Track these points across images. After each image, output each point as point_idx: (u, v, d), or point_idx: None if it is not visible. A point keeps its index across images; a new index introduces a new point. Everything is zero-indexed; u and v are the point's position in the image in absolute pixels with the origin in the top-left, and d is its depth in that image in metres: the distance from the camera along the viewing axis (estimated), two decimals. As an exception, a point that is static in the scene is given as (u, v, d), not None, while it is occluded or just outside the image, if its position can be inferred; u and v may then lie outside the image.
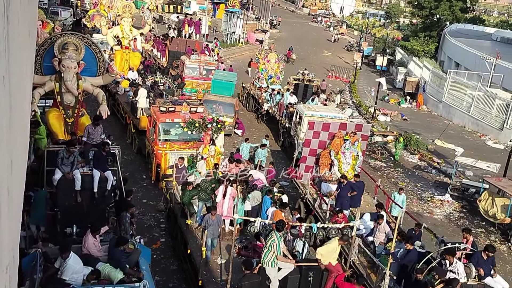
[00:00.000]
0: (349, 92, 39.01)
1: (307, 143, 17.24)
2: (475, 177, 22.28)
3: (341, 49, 58.72)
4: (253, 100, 29.84)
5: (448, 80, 34.73)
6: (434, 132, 29.51)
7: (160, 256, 14.21)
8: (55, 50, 14.24)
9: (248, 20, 58.09)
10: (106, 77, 15.47)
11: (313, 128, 17.03)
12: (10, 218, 3.13)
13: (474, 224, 19.07)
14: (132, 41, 27.48)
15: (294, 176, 17.64)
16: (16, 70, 3.39)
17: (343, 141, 16.92)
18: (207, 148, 16.97)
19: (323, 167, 17.13)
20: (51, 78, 14.50)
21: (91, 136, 13.41)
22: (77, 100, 14.80)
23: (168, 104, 18.76)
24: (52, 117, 14.88)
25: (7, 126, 2.82)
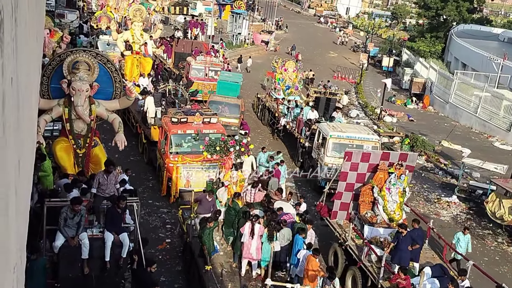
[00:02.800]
0: (355, 93, 38.96)
1: (343, 177, 14.32)
2: (482, 178, 22.18)
3: (347, 50, 58.65)
4: (269, 113, 27.60)
5: (455, 81, 34.59)
6: (440, 133, 29.41)
7: (166, 257, 14.24)
8: (64, 70, 12.26)
9: (253, 22, 58.17)
10: (123, 100, 13.41)
11: (350, 159, 14.11)
12: (18, 218, 3.15)
13: (481, 225, 18.98)
14: (142, 46, 26.21)
15: (326, 215, 15.02)
16: (24, 72, 3.42)
17: (387, 174, 14.13)
18: (228, 174, 14.97)
19: (364, 206, 14.35)
20: (59, 103, 12.50)
21: (103, 187, 10.98)
22: (89, 127, 12.85)
23: (180, 114, 17.52)
24: (60, 148, 12.89)
25: (15, 126, 2.84)
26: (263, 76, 36.89)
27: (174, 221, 15.85)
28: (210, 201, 13.54)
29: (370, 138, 18.87)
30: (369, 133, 19.52)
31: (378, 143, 18.88)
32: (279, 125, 25.14)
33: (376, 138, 19.11)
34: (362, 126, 21.76)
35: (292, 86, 27.75)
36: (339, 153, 18.10)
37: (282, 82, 27.81)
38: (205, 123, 17.39)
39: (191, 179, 16.84)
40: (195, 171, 16.92)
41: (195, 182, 16.74)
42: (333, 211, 14.73)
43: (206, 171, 16.93)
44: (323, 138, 19.05)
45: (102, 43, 31.61)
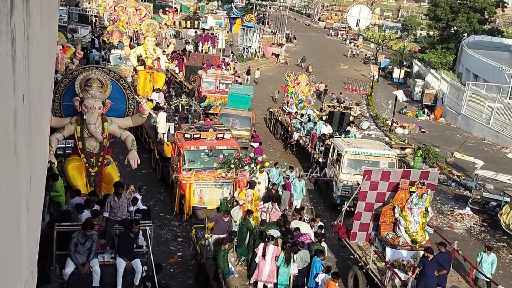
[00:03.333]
0: (366, 105, 38.86)
1: (363, 196, 13.79)
2: (496, 190, 21.93)
3: (357, 62, 58.64)
4: (281, 128, 27.13)
5: (467, 92, 34.38)
6: (453, 145, 29.18)
7: (177, 270, 14.21)
8: (77, 87, 12.13)
9: (264, 34, 58.45)
10: (136, 117, 13.21)
11: (370, 177, 13.60)
12: (29, 234, 3.18)
13: (496, 238, 18.72)
14: (155, 60, 25.99)
15: (345, 235, 14.42)
16: (36, 88, 3.47)
17: (408, 194, 13.55)
18: (243, 193, 14.48)
19: (384, 227, 13.82)
20: (71, 121, 12.39)
21: (114, 210, 10.65)
22: (101, 146, 12.72)
23: (193, 130, 17.22)
24: (72, 168, 12.73)
25: (27, 142, 2.88)
26: (274, 88, 37.02)
27: (186, 234, 15.84)
28: (226, 221, 13.11)
29: (386, 154, 18.26)
30: (385, 149, 18.85)
31: (395, 159, 18.27)
32: (292, 139, 24.69)
33: (393, 154, 18.45)
34: (378, 142, 20.93)
35: (305, 100, 27.43)
36: (355, 170, 17.83)
37: (294, 96, 27.53)
38: (219, 139, 17.05)
39: (205, 197, 16.55)
40: (209, 188, 16.58)
41: (208, 200, 16.53)
42: (352, 232, 14.09)
43: (220, 188, 16.61)
44: (338, 154, 18.47)
45: (114, 57, 31.96)
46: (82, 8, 52.59)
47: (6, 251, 2.21)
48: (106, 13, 50.48)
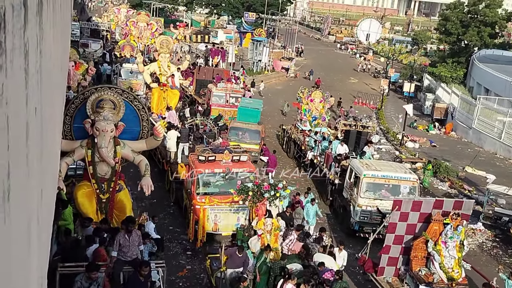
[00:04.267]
0: (376, 118, 38.77)
1: (392, 228, 12.96)
2: (508, 205, 21.64)
3: (367, 76, 58.64)
4: (295, 146, 26.18)
5: (478, 106, 34.20)
6: (464, 159, 28.95)
7: (186, 284, 14.16)
8: (88, 109, 11.57)
9: (274, 48, 58.74)
10: (150, 140, 12.56)
11: (400, 208, 12.74)
12: (40, 246, 3.19)
13: (508, 254, 18.46)
14: (170, 77, 25.26)
15: (371, 270, 13.49)
16: (48, 102, 3.51)
17: (442, 226, 12.63)
18: (262, 222, 13.51)
19: (416, 262, 12.84)
20: (82, 144, 11.79)
21: (124, 249, 9.80)
22: (113, 171, 12.08)
23: (207, 152, 16.43)
24: (82, 194, 12.03)
25: (38, 155, 2.90)
26: (283, 102, 37.09)
27: (195, 248, 15.78)
28: (241, 256, 12.21)
29: (408, 177, 17.25)
30: (406, 172, 17.78)
31: (416, 183, 17.29)
32: (306, 159, 23.69)
33: (414, 178, 17.44)
34: (398, 164, 19.78)
35: (319, 117, 26.64)
36: (374, 194, 17.10)
37: (308, 113, 26.68)
38: (235, 161, 16.24)
39: (219, 222, 15.77)
40: (224, 213, 15.77)
41: (223, 226, 15.80)
42: (380, 267, 13.20)
43: (236, 213, 15.81)
44: (356, 177, 17.42)
45: (125, 71, 32.26)
46: (94, 22, 53.33)
47: (16, 263, 2.21)
48: (118, 28, 51.10)
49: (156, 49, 27.15)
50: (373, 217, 16.87)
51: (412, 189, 17.06)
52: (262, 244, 12.91)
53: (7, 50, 1.75)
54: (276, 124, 33.02)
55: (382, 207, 16.57)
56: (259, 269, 12.06)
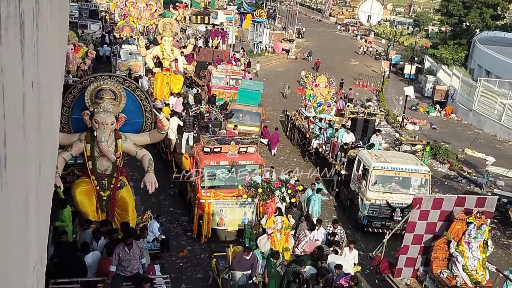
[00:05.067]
0: (376, 101, 38.68)
1: (411, 228, 12.21)
2: (507, 187, 21.77)
3: (368, 58, 58.38)
4: (299, 133, 25.23)
5: (479, 88, 34.11)
6: (464, 141, 28.97)
7: (187, 264, 14.28)
8: (87, 100, 10.74)
9: (274, 30, 58.38)
10: (154, 134, 11.73)
11: (420, 206, 12.01)
12: (38, 220, 3.22)
13: (506, 235, 18.59)
14: (173, 62, 24.22)
15: (387, 271, 12.74)
16: (45, 78, 3.50)
17: (465, 225, 11.86)
18: (272, 220, 12.53)
19: (437, 263, 12.10)
20: (80, 138, 10.99)
21: (124, 264, 9.16)
22: (114, 166, 11.27)
23: (212, 143, 15.52)
24: (80, 192, 11.23)
25: (36, 130, 2.91)
26: (284, 84, 36.99)
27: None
28: (249, 259, 11.38)
29: (419, 169, 16.40)
30: (418, 164, 16.84)
31: (428, 175, 16.44)
32: (311, 147, 22.81)
33: (426, 170, 16.53)
34: (409, 155, 18.54)
35: (324, 103, 25.68)
36: (384, 187, 16.39)
37: (313, 98, 25.72)
38: (241, 153, 15.36)
39: (225, 217, 15.00)
40: (230, 208, 14.98)
41: (229, 220, 15.07)
42: (397, 268, 12.46)
43: (242, 207, 15.01)
44: (365, 169, 16.62)
45: (125, 52, 32.06)
46: (92, 3, 52.88)
47: (15, 234, 2.24)
48: (117, 9, 50.54)
49: (156, 30, 26.64)
50: (382, 211, 16.21)
51: (423, 182, 16.36)
52: (272, 245, 12.22)
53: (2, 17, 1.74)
54: (276, 107, 32.98)
55: (392, 200, 16.05)
56: (267, 272, 11.44)
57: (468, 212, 11.92)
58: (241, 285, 11.28)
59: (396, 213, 15.80)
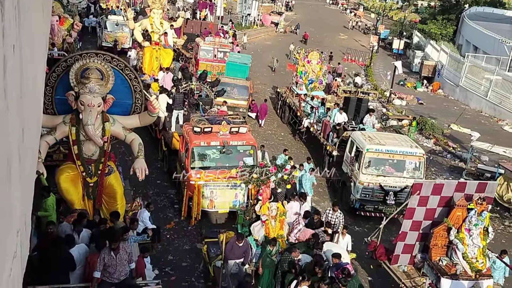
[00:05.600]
0: (364, 75, 38.69)
1: (410, 214, 11.85)
2: (491, 162, 22.07)
3: (357, 32, 58.12)
4: (290, 111, 24.44)
5: (466, 64, 34.24)
6: (450, 117, 29.20)
7: (174, 236, 14.36)
8: (71, 79, 9.99)
9: (263, 2, 57.72)
10: (144, 116, 11.01)
11: (420, 192, 11.63)
12: (22, 185, 3.21)
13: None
14: (162, 35, 23.26)
15: (384, 257, 12.44)
16: (28, 41, 3.44)
17: (466, 211, 11.48)
18: (266, 206, 12.06)
19: (436, 251, 11.78)
20: (64, 120, 10.29)
21: (110, 270, 8.52)
22: (102, 151, 10.62)
23: (203, 123, 14.93)
24: (65, 179, 10.57)
25: (17, 95, 2.87)
26: (272, 58, 36.77)
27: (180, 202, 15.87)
28: (242, 246, 10.90)
29: (413, 152, 15.88)
30: (412, 146, 16.27)
31: (423, 158, 15.95)
32: (302, 126, 22.02)
33: (421, 153, 16.00)
34: (404, 136, 18.02)
35: (315, 80, 24.96)
36: (377, 170, 15.87)
37: (304, 75, 24.91)
38: (233, 133, 14.82)
39: (216, 199, 14.51)
40: (220, 190, 14.47)
41: (220, 203, 14.54)
42: (394, 254, 12.17)
43: (233, 189, 14.53)
44: (358, 151, 16.15)
45: (111, 23, 31.58)
46: (78, -28, 51.60)
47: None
48: (103, -22, 49.57)
49: (144, 1, 25.96)
50: (375, 194, 15.80)
51: (418, 165, 15.92)
52: (267, 232, 11.75)
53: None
54: (264, 80, 32.86)
55: (385, 184, 15.69)
56: (262, 262, 10.88)
57: (468, 197, 11.54)
58: (233, 273, 10.84)
59: (389, 197, 15.52)
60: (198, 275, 12.79)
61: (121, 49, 31.26)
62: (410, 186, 13.35)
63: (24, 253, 3.73)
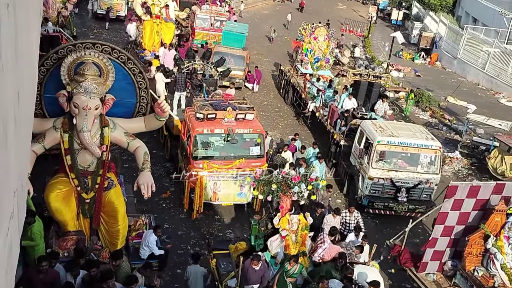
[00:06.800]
0: (362, 46, 38.42)
1: (442, 219, 10.77)
2: (486, 134, 22.18)
3: (356, 3, 57.41)
4: (294, 92, 22.74)
5: (465, 36, 34.01)
6: (447, 89, 29.17)
7: (170, 205, 14.50)
8: (63, 76, 8.37)
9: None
10: (150, 119, 9.18)
11: (454, 194, 10.56)
12: (18, 148, 3.22)
13: (482, 181, 19.10)
14: (163, 8, 22.03)
15: (410, 264, 11.38)
16: (22, 6, 3.40)
17: (505, 217, 10.46)
18: (286, 219, 10.06)
19: (470, 260, 10.68)
20: (55, 125, 8.58)
21: None
22: (100, 161, 8.90)
23: (206, 108, 13.81)
24: (56, 198, 8.85)
25: (12, 56, 2.86)
26: (270, 27, 36.39)
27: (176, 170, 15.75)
28: (259, 269, 9.30)
29: (429, 145, 14.52)
30: (428, 138, 14.87)
31: (439, 152, 14.55)
32: (307, 110, 20.40)
33: (437, 145, 14.57)
34: (418, 126, 16.41)
35: (322, 58, 23.36)
36: (389, 164, 14.58)
37: (310, 53, 23.32)
38: (239, 120, 13.74)
39: (219, 191, 13.65)
40: (224, 181, 13.61)
41: (223, 195, 13.73)
42: (422, 262, 11.13)
43: (238, 181, 13.63)
44: (368, 143, 14.80)
45: (106, -9, 31.05)
46: None
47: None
48: None
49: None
50: (385, 190, 14.56)
51: (433, 159, 14.61)
52: (287, 249, 9.94)
53: None
54: (261, 50, 32.60)
55: (397, 179, 14.42)
56: (277, 282, 9.44)
57: (506, 200, 10.66)
58: None
59: (401, 194, 14.34)
60: (193, 243, 12.98)
61: (116, 16, 30.90)
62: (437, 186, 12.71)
63: (21, 216, 3.77)
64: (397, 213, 14.08)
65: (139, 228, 10.59)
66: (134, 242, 10.31)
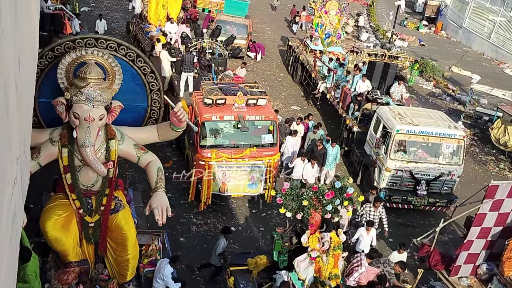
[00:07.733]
0: (366, 15, 37.89)
1: (479, 220, 10.10)
2: (490, 105, 22.10)
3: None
4: (303, 70, 21.47)
5: (470, 5, 33.48)
6: (451, 59, 28.89)
7: (172, 175, 14.56)
8: (60, 79, 7.08)
9: None
10: (165, 129, 7.75)
11: (494, 195, 9.91)
12: (20, 114, 3.22)
13: (485, 151, 19.13)
14: None
15: (441, 267, 10.74)
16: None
17: None
18: (316, 237, 8.72)
19: (509, 265, 10.08)
20: (52, 138, 7.21)
21: None
22: (106, 179, 7.55)
23: (215, 93, 12.84)
24: (54, 226, 7.44)
25: (12, 24, 2.83)
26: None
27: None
28: None
29: (452, 134, 13.49)
30: (451, 127, 13.82)
31: (463, 141, 13.62)
32: (316, 91, 19.34)
33: (461, 134, 13.63)
34: (439, 113, 15.02)
35: (333, 34, 22.07)
36: (408, 155, 13.60)
37: (320, 28, 22.01)
38: (250, 106, 12.76)
39: (228, 182, 12.90)
40: (234, 171, 12.85)
41: (233, 186, 12.99)
42: (455, 265, 10.47)
43: (250, 171, 12.92)
44: (385, 131, 13.80)
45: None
46: None
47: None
48: None
49: None
50: (404, 183, 13.64)
51: (456, 149, 13.70)
52: (317, 272, 8.68)
53: None
54: (264, 19, 32.20)
55: (417, 171, 13.51)
56: None
57: None
58: None
59: (421, 187, 13.51)
60: (196, 212, 13.08)
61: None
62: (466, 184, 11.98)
63: (24, 182, 3.80)
64: (416, 207, 13.55)
65: (151, 254, 9.28)
66: (146, 271, 9.02)
